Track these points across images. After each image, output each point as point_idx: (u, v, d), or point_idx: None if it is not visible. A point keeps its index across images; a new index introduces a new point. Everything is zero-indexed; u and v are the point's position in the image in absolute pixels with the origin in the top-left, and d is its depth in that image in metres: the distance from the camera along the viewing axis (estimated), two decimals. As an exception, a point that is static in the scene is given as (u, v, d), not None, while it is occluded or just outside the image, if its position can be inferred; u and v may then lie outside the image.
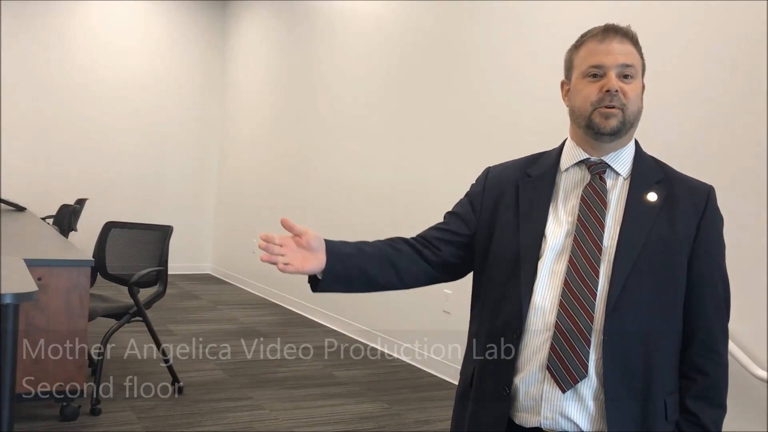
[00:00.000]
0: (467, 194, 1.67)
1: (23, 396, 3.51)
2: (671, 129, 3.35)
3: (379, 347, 5.55)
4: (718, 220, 1.53)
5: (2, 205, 6.76)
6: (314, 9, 6.89)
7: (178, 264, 8.76)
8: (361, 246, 1.57)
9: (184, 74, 8.82)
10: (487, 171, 1.68)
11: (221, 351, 5.20)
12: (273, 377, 4.61)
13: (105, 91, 8.39)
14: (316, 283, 1.55)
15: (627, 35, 1.50)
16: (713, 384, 1.48)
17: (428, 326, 4.99)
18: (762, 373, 2.86)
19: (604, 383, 1.40)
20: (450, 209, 1.68)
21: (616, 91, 1.46)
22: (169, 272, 8.44)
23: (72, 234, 7.26)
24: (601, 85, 1.47)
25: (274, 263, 1.46)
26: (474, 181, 1.69)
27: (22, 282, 2.67)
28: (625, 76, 1.48)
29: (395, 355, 5.35)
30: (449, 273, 1.65)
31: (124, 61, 8.47)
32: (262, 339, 5.68)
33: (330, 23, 6.60)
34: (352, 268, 1.54)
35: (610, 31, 1.50)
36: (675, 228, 1.47)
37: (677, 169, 1.58)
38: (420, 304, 5.06)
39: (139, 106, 8.57)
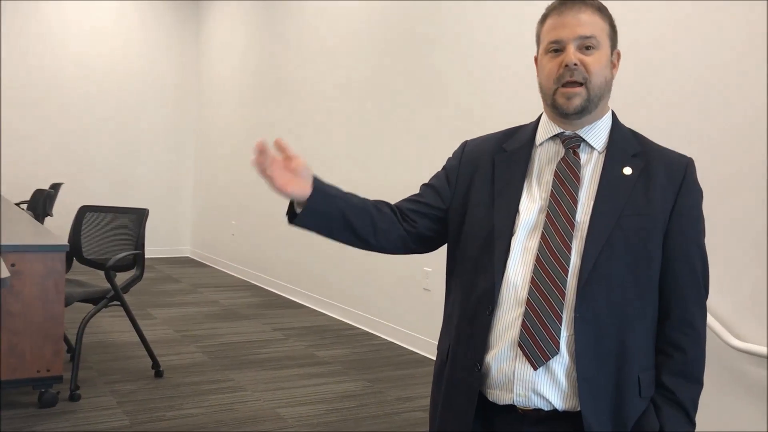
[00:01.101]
0: (444, 167, 1.65)
1: (1, 383, 3.48)
2: (655, 105, 3.36)
3: (360, 326, 5.56)
4: (696, 193, 1.49)
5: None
6: (288, 4, 6.81)
7: (156, 247, 8.73)
8: (346, 193, 1.54)
9: (159, 56, 8.70)
10: (464, 145, 1.65)
11: (202, 333, 5.18)
12: (254, 359, 4.61)
13: (79, 76, 8.25)
14: (294, 215, 1.50)
15: (586, 3, 1.46)
16: (690, 360, 1.45)
17: (409, 304, 5.00)
18: (738, 343, 2.89)
19: (576, 360, 1.38)
20: (426, 182, 1.66)
21: (575, 64, 1.42)
22: (147, 256, 8.52)
23: (48, 219, 7.19)
24: (561, 60, 1.44)
25: (263, 170, 1.41)
26: (451, 155, 1.67)
27: (-6, 268, 2.61)
28: (587, 48, 1.43)
29: (377, 333, 5.36)
30: (423, 245, 1.63)
31: (98, 45, 8.33)
32: (243, 321, 5.67)
33: (304, 18, 6.52)
34: (334, 208, 1.49)
35: (567, 2, 1.46)
36: (651, 202, 1.44)
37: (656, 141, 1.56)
38: (401, 282, 5.07)
39: (114, 90, 8.45)
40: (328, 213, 1.49)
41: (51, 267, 3.56)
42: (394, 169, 5.20)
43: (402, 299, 5.06)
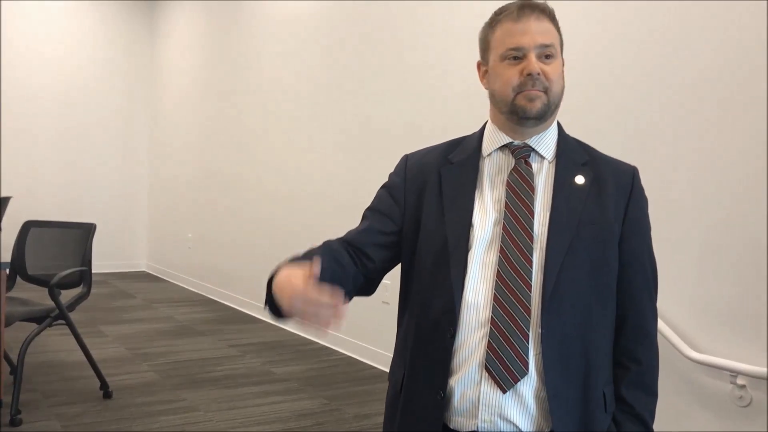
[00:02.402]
0: (385, 186, 1.55)
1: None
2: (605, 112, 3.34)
3: (318, 341, 5.46)
4: (643, 200, 1.48)
5: None
6: (241, 6, 6.71)
7: (111, 262, 8.51)
8: (324, 271, 1.34)
9: (110, 68, 8.51)
10: (406, 159, 1.57)
11: (155, 351, 5.02)
12: (208, 377, 4.47)
13: (28, 87, 8.02)
14: (276, 310, 1.31)
15: (544, 12, 1.42)
16: (646, 371, 1.44)
17: (368, 317, 4.91)
18: (694, 354, 2.87)
19: (545, 379, 1.32)
20: (368, 205, 1.55)
21: (538, 74, 1.38)
22: (102, 271, 8.31)
23: (-5, 234, 6.93)
24: (522, 68, 1.39)
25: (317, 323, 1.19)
26: (392, 171, 1.58)
27: None
28: (546, 56, 1.40)
29: (335, 348, 5.26)
30: (378, 281, 1.53)
31: (47, 56, 8.12)
32: (198, 337, 5.52)
33: (257, 20, 6.43)
34: None
35: (525, 8, 1.41)
36: (604, 210, 1.41)
37: (599, 149, 1.52)
38: (360, 297, 4.98)
39: (64, 102, 8.23)
40: None
41: (-10, 285, 3.40)
42: (353, 169, 5.12)
43: (361, 313, 4.97)
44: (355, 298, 1.52)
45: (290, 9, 5.96)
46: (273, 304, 1.30)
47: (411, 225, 1.48)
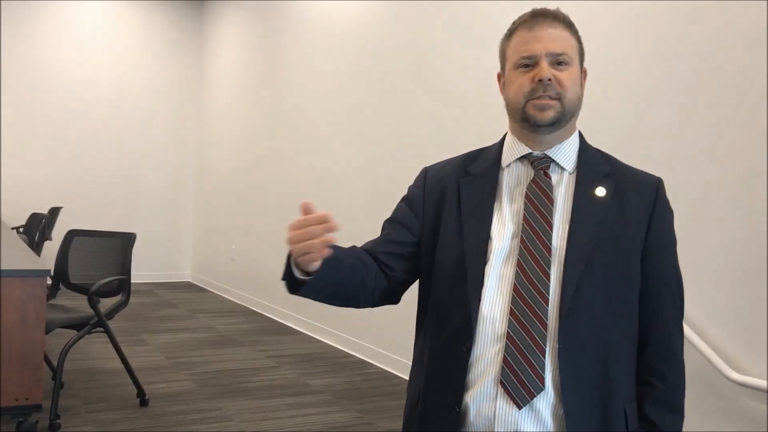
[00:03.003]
0: (405, 198, 1.55)
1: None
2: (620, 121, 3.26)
3: (356, 354, 5.44)
4: (668, 212, 1.44)
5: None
6: (290, 8, 6.79)
7: (157, 272, 8.67)
8: (342, 253, 1.39)
9: (158, 76, 8.71)
10: (425, 171, 1.56)
11: (193, 360, 5.08)
12: (244, 387, 4.50)
13: (80, 97, 8.27)
14: (294, 285, 1.34)
15: (557, 18, 1.40)
16: (672, 389, 1.39)
17: (405, 332, 4.88)
18: (734, 375, 2.76)
19: (562, 396, 1.29)
20: (388, 217, 1.55)
21: (549, 79, 1.35)
22: (148, 281, 8.48)
23: (47, 243, 7.14)
24: (533, 75, 1.37)
25: (305, 247, 1.22)
26: (412, 183, 1.57)
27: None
28: (559, 63, 1.37)
29: (372, 361, 5.24)
30: (400, 292, 1.52)
31: (97, 64, 8.35)
32: (237, 347, 5.56)
33: (306, 22, 6.50)
34: (335, 275, 1.36)
35: (538, 16, 1.39)
36: (626, 223, 1.37)
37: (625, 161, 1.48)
38: (398, 310, 4.95)
39: (113, 113, 8.45)
40: (330, 283, 1.35)
41: (31, 292, 3.47)
42: (407, 166, 5.09)
43: (399, 327, 4.94)
44: (395, 313, 1.53)
45: (334, 10, 6.01)
46: (290, 275, 1.32)
47: (429, 237, 1.47)
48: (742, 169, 2.84)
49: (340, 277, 1.37)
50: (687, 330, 2.87)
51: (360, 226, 5.40)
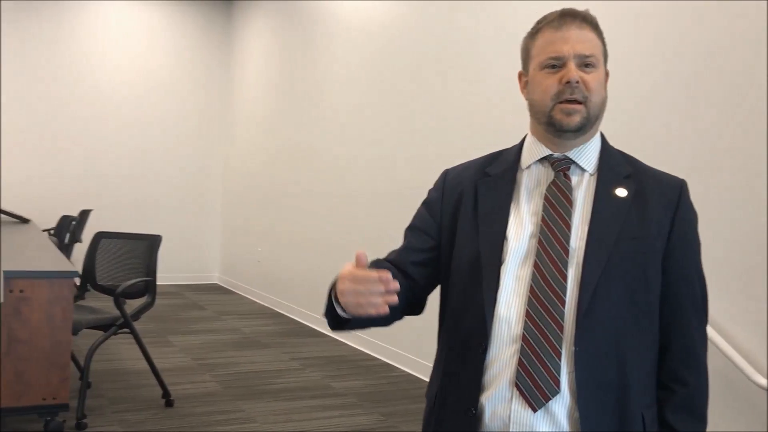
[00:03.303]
0: (424, 202, 1.55)
1: (6, 410, 3.44)
2: (644, 123, 3.21)
3: (380, 357, 5.44)
4: (692, 215, 1.42)
5: (6, 216, 6.75)
6: (318, 9, 6.82)
7: (185, 274, 8.75)
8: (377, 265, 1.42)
9: (186, 80, 8.80)
10: (445, 174, 1.56)
11: (219, 362, 5.11)
12: (268, 389, 4.51)
13: (108, 98, 8.38)
14: (337, 320, 1.36)
15: (586, 20, 1.38)
16: (693, 394, 1.37)
17: (430, 335, 4.86)
18: (763, 381, 2.70)
19: (578, 399, 1.28)
20: (408, 224, 1.55)
21: (577, 82, 1.34)
22: (176, 282, 8.55)
23: (77, 245, 7.25)
24: (561, 76, 1.35)
25: (363, 306, 1.22)
26: (432, 186, 1.57)
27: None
28: (586, 65, 1.36)
29: (396, 365, 5.23)
30: (423, 301, 1.53)
31: (125, 65, 8.45)
32: (262, 349, 5.59)
33: (332, 22, 6.52)
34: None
35: (566, 16, 1.37)
36: (647, 225, 1.35)
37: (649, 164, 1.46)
38: (424, 313, 4.94)
39: (141, 116, 8.55)
40: (368, 320, 1.35)
41: (59, 293, 3.53)
42: (435, 168, 5.10)
43: (424, 330, 4.92)
44: (420, 316, 1.53)
45: (363, 14, 6.02)
46: (332, 313, 1.34)
47: (447, 238, 1.46)
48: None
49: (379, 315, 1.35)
50: (713, 334, 2.82)
51: (384, 225, 5.40)
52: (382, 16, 5.67)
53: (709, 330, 2.76)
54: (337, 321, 1.37)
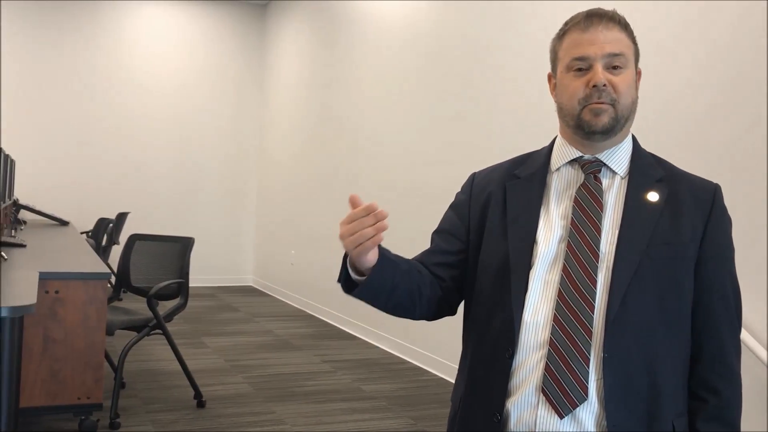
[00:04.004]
0: (452, 206, 1.54)
1: (41, 409, 3.51)
2: (668, 125, 3.15)
3: (411, 360, 5.42)
4: (726, 220, 1.38)
5: (47, 219, 6.90)
6: (351, 9, 6.84)
7: (220, 276, 8.84)
8: (396, 259, 1.39)
9: (220, 82, 8.90)
10: (473, 176, 1.55)
11: (251, 363, 5.15)
12: (299, 391, 4.53)
13: (145, 103, 8.52)
14: (350, 285, 1.36)
15: (613, 19, 1.35)
16: (726, 404, 1.33)
17: (460, 339, 4.83)
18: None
19: (606, 407, 1.25)
20: (436, 228, 1.54)
21: (604, 85, 1.31)
22: (211, 284, 8.62)
23: (115, 247, 7.38)
24: (588, 79, 1.33)
25: (357, 240, 1.24)
26: (459, 189, 1.55)
27: (24, 295, 2.64)
28: (614, 67, 1.33)
29: (427, 368, 5.21)
30: (456, 303, 1.51)
31: (160, 69, 8.58)
32: (293, 351, 5.61)
33: (367, 23, 6.54)
34: (390, 279, 1.35)
35: (593, 17, 1.35)
36: (679, 230, 1.32)
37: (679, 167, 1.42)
38: (455, 316, 4.91)
39: (177, 119, 8.67)
40: (386, 285, 1.35)
41: (93, 294, 3.58)
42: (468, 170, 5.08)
43: (455, 334, 4.89)
44: (451, 319, 1.53)
45: (397, 13, 6.02)
46: (347, 278, 1.35)
47: (475, 241, 1.45)
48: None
49: (396, 281, 1.35)
50: (751, 341, 2.75)
51: (416, 229, 5.38)
52: (416, 15, 5.67)
53: (745, 336, 2.69)
54: (349, 284, 1.36)
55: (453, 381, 4.99)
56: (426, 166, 5.41)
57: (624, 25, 1.37)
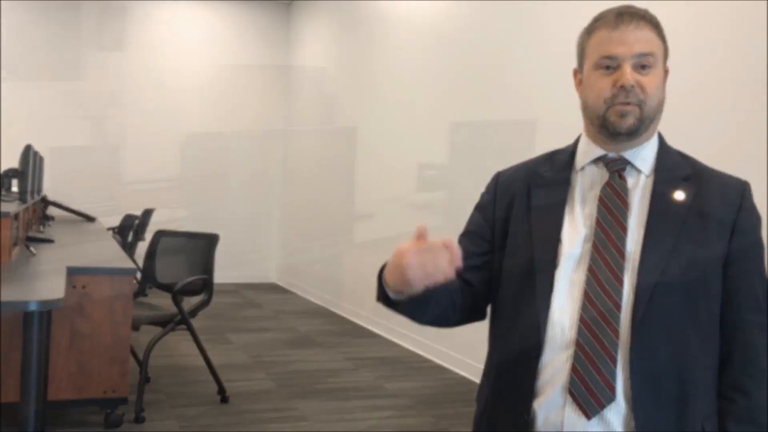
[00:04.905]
0: (477, 207, 1.53)
1: (68, 402, 3.56)
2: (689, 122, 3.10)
3: (435, 359, 5.41)
4: (755, 218, 1.36)
5: (74, 215, 6.98)
6: (376, 8, 6.85)
7: (244, 273, 8.88)
8: None
9: (246, 80, 8.92)
10: (497, 176, 1.53)
11: (274, 360, 5.17)
12: (321, 388, 4.55)
13: (170, 101, 8.57)
14: (389, 300, 1.34)
15: (645, 18, 1.34)
16: (756, 406, 1.31)
17: (485, 338, 4.81)
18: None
19: (634, 408, 1.25)
20: (462, 230, 1.52)
21: (632, 86, 1.30)
22: (234, 281, 8.70)
23: (141, 244, 7.46)
24: (615, 79, 1.31)
25: (425, 275, 1.21)
26: (484, 189, 1.54)
27: (52, 290, 2.68)
28: (643, 67, 1.31)
29: (451, 367, 5.19)
30: (485, 306, 1.49)
31: (186, 68, 8.61)
32: (316, 348, 5.64)
33: (392, 22, 6.54)
34: (432, 294, 1.30)
35: (624, 15, 1.33)
36: (707, 229, 1.31)
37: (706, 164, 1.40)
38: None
39: (203, 116, 8.72)
40: (427, 301, 1.33)
41: (119, 290, 3.63)
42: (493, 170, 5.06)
43: (479, 333, 4.87)
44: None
45: (423, 13, 6.00)
46: (385, 294, 1.32)
47: (501, 242, 1.44)
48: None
49: (435, 295, 1.31)
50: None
51: (440, 227, 5.38)
52: (442, 14, 5.65)
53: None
54: (391, 302, 1.33)
55: (476, 380, 4.97)
56: (451, 163, 5.39)
57: (655, 24, 1.35)
